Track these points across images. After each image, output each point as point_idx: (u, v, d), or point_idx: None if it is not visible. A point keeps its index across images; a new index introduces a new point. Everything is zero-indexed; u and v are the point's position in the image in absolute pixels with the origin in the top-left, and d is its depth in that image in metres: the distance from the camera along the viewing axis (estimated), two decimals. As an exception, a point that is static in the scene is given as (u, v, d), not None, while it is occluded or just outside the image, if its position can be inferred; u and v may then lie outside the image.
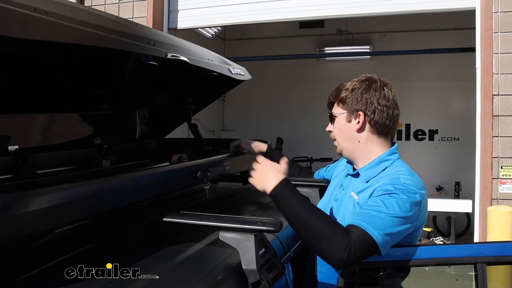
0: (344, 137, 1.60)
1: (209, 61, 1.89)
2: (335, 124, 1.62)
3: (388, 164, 1.54)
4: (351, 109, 1.57)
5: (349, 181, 1.65)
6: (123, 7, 5.38)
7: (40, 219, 0.97)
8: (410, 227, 1.41)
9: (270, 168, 1.45)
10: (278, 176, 1.41)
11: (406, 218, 1.38)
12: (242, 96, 7.97)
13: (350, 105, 1.56)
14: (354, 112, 1.56)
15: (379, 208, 1.37)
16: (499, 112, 4.10)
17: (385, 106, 1.55)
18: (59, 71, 1.64)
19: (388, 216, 1.36)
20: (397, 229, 1.37)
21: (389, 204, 1.38)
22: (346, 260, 1.28)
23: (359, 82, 1.58)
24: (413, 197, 1.41)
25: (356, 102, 1.56)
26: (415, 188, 1.43)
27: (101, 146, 1.97)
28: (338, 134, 1.62)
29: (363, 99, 1.55)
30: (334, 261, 1.30)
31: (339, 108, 1.61)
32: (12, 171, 1.51)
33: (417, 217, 1.43)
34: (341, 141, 1.62)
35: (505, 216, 3.84)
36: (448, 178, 7.40)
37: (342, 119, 1.59)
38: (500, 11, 4.12)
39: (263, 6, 5.10)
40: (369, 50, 8.12)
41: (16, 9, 0.92)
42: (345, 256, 1.27)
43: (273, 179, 1.41)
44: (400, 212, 1.37)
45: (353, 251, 1.28)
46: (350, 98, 1.56)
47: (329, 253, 1.29)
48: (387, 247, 1.36)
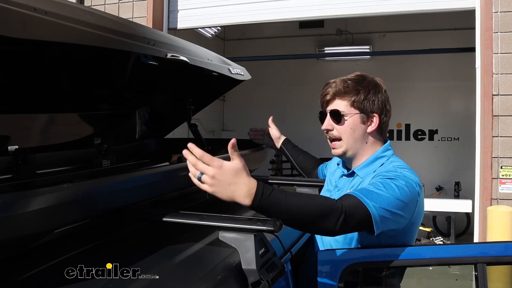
0: (355, 138, 1.56)
1: (209, 61, 1.89)
2: (346, 124, 1.55)
3: (384, 160, 1.54)
4: (367, 110, 1.54)
5: (344, 182, 1.63)
6: (123, 7, 5.38)
7: (40, 219, 0.97)
8: (404, 217, 1.39)
9: (231, 173, 1.16)
10: (247, 183, 1.17)
11: (403, 203, 1.36)
12: (242, 96, 7.98)
13: (367, 107, 1.54)
14: (369, 114, 1.54)
15: (378, 187, 1.35)
16: (499, 112, 4.10)
17: (390, 108, 1.58)
18: (59, 71, 1.64)
19: (386, 194, 1.33)
20: (393, 209, 1.33)
21: (387, 186, 1.36)
22: (340, 228, 1.24)
23: (371, 83, 1.56)
24: (412, 187, 1.40)
25: (373, 105, 1.54)
26: (414, 180, 1.43)
27: (101, 146, 1.98)
28: (349, 135, 1.56)
29: (379, 102, 1.54)
30: (330, 230, 1.25)
31: (351, 107, 1.54)
32: (12, 171, 1.51)
33: (413, 209, 1.42)
34: (350, 141, 1.56)
35: (505, 216, 3.84)
36: (448, 178, 7.41)
37: (356, 120, 1.55)
38: (500, 11, 4.12)
39: (263, 6, 5.10)
40: (369, 50, 8.13)
41: (16, 9, 0.92)
42: (339, 224, 1.23)
43: (244, 188, 1.16)
44: (399, 194, 1.35)
45: (347, 216, 1.23)
46: (367, 100, 1.53)
47: (324, 226, 1.24)
48: (380, 224, 1.30)
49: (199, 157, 1.16)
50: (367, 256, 1.44)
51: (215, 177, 1.15)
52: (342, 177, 1.66)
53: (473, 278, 1.44)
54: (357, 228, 1.33)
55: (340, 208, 1.24)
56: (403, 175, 1.42)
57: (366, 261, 1.40)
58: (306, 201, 1.25)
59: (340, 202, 1.26)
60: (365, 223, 1.30)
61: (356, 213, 1.27)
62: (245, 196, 1.16)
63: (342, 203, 1.26)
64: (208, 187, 1.16)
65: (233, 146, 1.17)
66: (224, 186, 1.15)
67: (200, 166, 1.16)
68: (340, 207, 1.24)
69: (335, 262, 1.43)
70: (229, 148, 1.17)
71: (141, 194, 1.36)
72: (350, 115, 1.55)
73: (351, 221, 1.26)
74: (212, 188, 1.16)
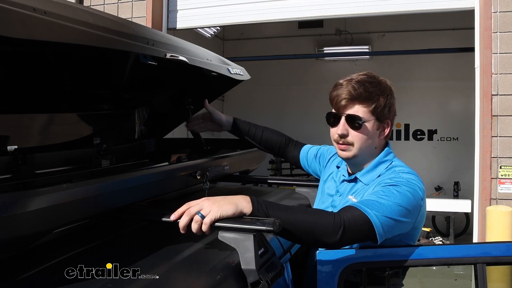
0: (369, 144, 1.51)
1: (208, 61, 1.90)
2: (363, 130, 1.48)
3: (387, 164, 1.52)
4: (384, 117, 1.50)
5: (345, 186, 1.59)
6: (122, 7, 5.38)
7: (39, 219, 0.97)
8: (408, 222, 1.38)
9: (224, 197, 1.18)
10: (237, 195, 1.20)
11: (406, 210, 1.34)
12: (242, 96, 7.97)
13: (386, 113, 1.49)
14: (384, 120, 1.51)
15: (380, 196, 1.34)
16: (498, 112, 4.10)
17: (396, 112, 1.55)
18: (58, 71, 1.64)
19: (388, 202, 1.32)
20: (395, 217, 1.31)
21: (389, 193, 1.34)
22: (341, 241, 1.23)
23: (388, 88, 1.51)
24: (415, 192, 1.38)
25: (389, 111, 1.50)
26: (418, 185, 1.41)
27: (100, 146, 1.98)
28: (364, 141, 1.49)
29: (393, 107, 1.52)
30: (329, 244, 1.26)
31: (369, 113, 1.47)
32: (11, 171, 1.51)
33: (417, 214, 1.40)
34: (363, 147, 1.50)
35: (504, 216, 3.84)
36: (447, 178, 7.41)
37: (374, 127, 1.49)
38: (499, 11, 4.12)
39: (262, 6, 5.10)
40: (368, 50, 8.14)
41: (15, 9, 0.92)
42: (339, 237, 1.22)
43: (239, 197, 1.19)
44: (401, 201, 1.33)
45: (347, 229, 1.23)
46: (386, 107, 1.49)
47: (324, 239, 1.23)
48: (382, 233, 1.29)
49: (182, 212, 1.15)
50: (366, 256, 1.44)
51: (209, 199, 1.16)
52: (343, 182, 1.61)
53: (472, 278, 1.44)
54: (360, 238, 1.32)
55: (339, 221, 1.23)
56: (407, 180, 1.40)
57: (366, 261, 1.40)
58: (303, 215, 1.24)
59: (339, 214, 1.25)
60: (368, 233, 1.29)
61: (356, 225, 1.26)
62: (245, 201, 1.17)
63: (341, 215, 1.25)
64: (213, 212, 1.12)
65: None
66: (222, 200, 1.16)
67: (192, 209, 1.15)
68: (339, 220, 1.23)
69: (334, 262, 1.43)
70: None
71: (140, 194, 1.36)
72: (369, 122, 1.48)
73: (352, 232, 1.25)
74: (215, 208, 1.13)
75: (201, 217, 1.12)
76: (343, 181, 1.61)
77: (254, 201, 1.18)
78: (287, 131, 2.09)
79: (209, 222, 1.11)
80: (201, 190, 1.78)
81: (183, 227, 1.14)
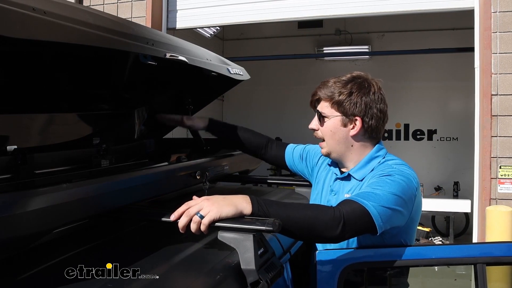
0: (336, 141, 1.53)
1: (208, 61, 1.90)
2: (326, 126, 1.53)
3: (379, 159, 1.52)
4: (348, 113, 1.49)
5: (339, 185, 1.59)
6: (121, 7, 5.38)
7: (39, 219, 0.97)
8: (404, 213, 1.37)
9: (224, 197, 1.18)
10: (236, 195, 1.20)
11: (401, 199, 1.34)
12: (241, 96, 7.97)
13: (348, 109, 1.49)
14: (350, 117, 1.50)
15: (374, 187, 1.34)
16: (497, 112, 4.10)
17: (381, 111, 1.50)
18: (57, 71, 1.64)
19: (383, 191, 1.32)
20: (392, 206, 1.31)
21: (384, 183, 1.35)
22: (341, 234, 1.23)
23: (356, 85, 1.50)
24: (409, 181, 1.39)
25: (355, 107, 1.48)
26: (411, 174, 1.42)
27: (100, 146, 1.97)
28: (329, 137, 1.54)
29: (363, 104, 1.48)
30: (331, 238, 1.25)
31: (332, 109, 1.51)
32: (11, 171, 1.50)
33: (412, 203, 1.40)
34: (331, 144, 1.54)
35: (504, 216, 3.84)
36: (447, 178, 7.41)
37: (337, 122, 1.51)
38: (499, 11, 4.12)
39: (261, 6, 5.10)
40: (368, 50, 8.13)
41: (14, 9, 0.92)
42: (339, 230, 1.22)
43: (239, 197, 1.19)
44: (396, 190, 1.34)
45: (347, 222, 1.23)
46: (348, 102, 1.48)
47: (325, 234, 1.23)
48: (381, 222, 1.29)
49: (182, 212, 1.15)
50: (366, 256, 1.44)
51: (209, 200, 1.15)
52: (336, 180, 1.61)
53: (472, 278, 1.44)
54: (360, 230, 1.32)
55: (338, 215, 1.23)
56: (400, 170, 1.41)
57: (366, 261, 1.40)
58: (303, 211, 1.24)
59: (338, 209, 1.25)
60: (367, 224, 1.28)
61: (356, 217, 1.26)
62: (245, 202, 1.17)
63: (340, 209, 1.25)
64: (212, 213, 1.12)
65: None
66: (222, 201, 1.15)
67: (192, 209, 1.14)
68: (338, 214, 1.23)
69: (334, 262, 1.43)
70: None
71: (140, 194, 1.36)
72: (331, 117, 1.52)
73: (352, 224, 1.25)
74: (215, 209, 1.12)
75: (200, 217, 1.12)
76: (336, 179, 1.61)
77: (254, 201, 1.18)
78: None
79: (207, 223, 1.11)
80: (200, 190, 1.78)
81: (183, 227, 1.14)
